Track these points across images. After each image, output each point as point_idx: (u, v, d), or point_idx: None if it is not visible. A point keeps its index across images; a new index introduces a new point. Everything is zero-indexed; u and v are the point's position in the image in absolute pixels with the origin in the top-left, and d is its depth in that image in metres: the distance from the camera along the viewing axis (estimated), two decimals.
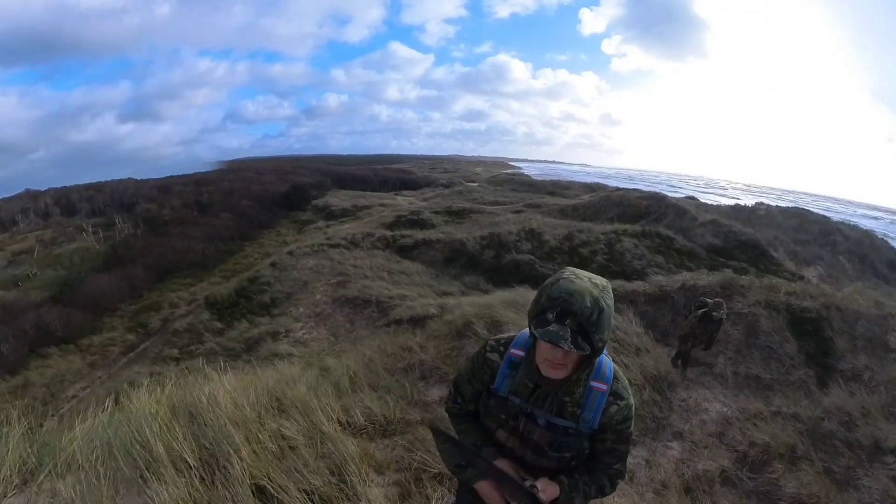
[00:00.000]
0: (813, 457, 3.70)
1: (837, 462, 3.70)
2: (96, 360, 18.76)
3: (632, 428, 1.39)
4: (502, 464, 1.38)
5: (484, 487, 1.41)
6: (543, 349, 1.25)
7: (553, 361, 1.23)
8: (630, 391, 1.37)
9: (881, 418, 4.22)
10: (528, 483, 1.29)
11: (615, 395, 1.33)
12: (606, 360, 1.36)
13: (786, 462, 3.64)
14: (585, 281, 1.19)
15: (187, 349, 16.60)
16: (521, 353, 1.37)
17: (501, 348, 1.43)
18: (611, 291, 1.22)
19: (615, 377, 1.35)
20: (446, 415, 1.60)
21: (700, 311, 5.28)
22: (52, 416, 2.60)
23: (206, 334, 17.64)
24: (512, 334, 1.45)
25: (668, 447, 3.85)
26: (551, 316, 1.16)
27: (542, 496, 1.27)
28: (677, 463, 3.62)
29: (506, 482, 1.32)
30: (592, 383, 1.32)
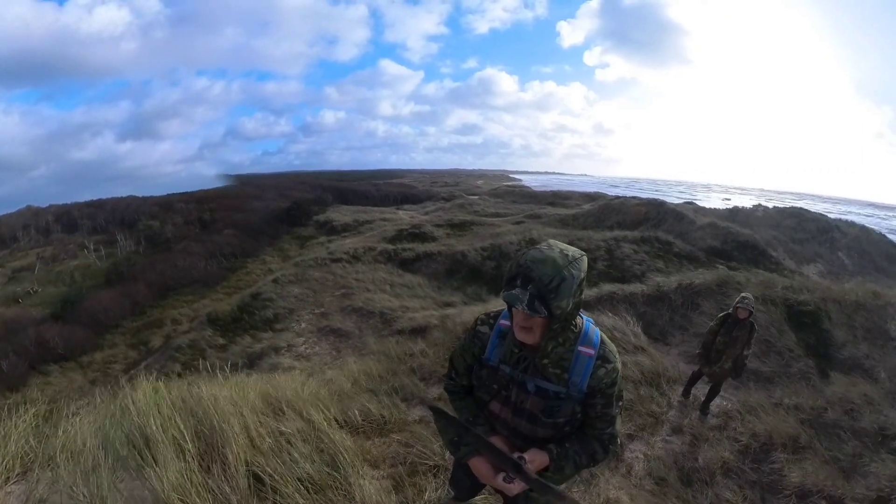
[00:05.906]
0: (817, 446, 3.68)
1: (842, 450, 3.68)
2: (97, 377, 18.68)
3: (620, 392, 1.43)
4: (493, 439, 1.42)
5: (476, 463, 1.45)
6: (514, 313, 1.32)
7: (520, 325, 1.30)
8: (617, 356, 1.41)
9: (886, 405, 4.21)
10: (515, 455, 1.33)
11: (602, 358, 1.37)
12: (593, 328, 1.41)
13: (789, 452, 3.61)
14: (555, 251, 1.24)
15: (190, 365, 16.56)
16: (509, 323, 1.41)
17: (491, 321, 1.50)
18: (583, 264, 1.27)
19: (602, 342, 1.39)
20: (447, 395, 1.64)
21: (721, 314, 4.29)
22: (55, 414, 2.65)
23: (209, 350, 17.54)
24: (501, 308, 1.50)
25: (668, 441, 3.82)
26: (518, 281, 1.23)
27: (530, 466, 1.32)
28: (676, 456, 3.60)
29: (495, 455, 1.37)
30: (580, 348, 1.36)
